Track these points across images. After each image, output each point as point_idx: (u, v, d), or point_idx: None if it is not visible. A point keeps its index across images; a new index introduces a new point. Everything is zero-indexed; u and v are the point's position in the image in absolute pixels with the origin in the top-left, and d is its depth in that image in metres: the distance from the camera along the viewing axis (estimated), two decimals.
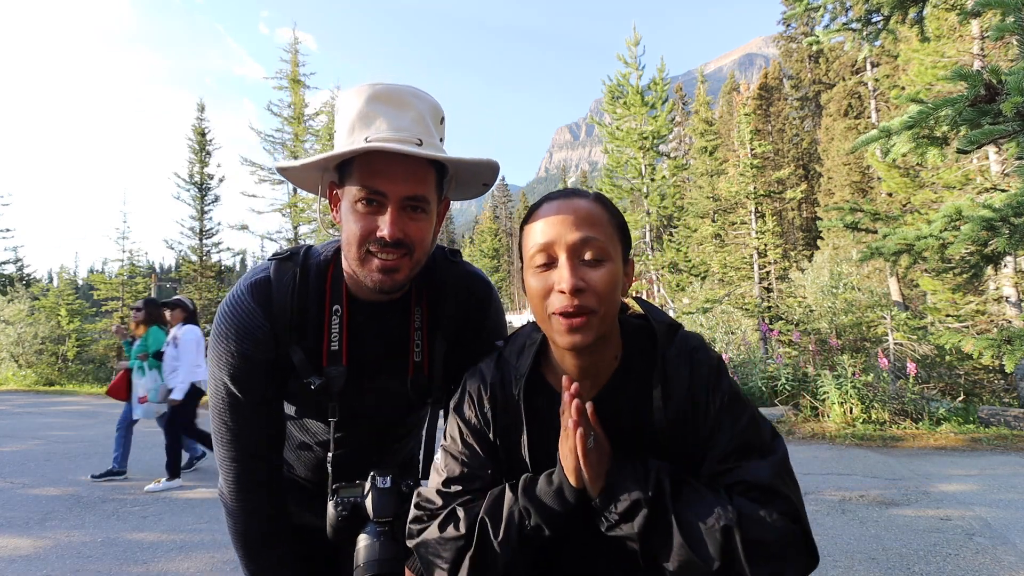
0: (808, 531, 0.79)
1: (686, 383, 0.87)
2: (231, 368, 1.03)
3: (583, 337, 0.82)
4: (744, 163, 11.05)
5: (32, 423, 8.47)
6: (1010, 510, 3.99)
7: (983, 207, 3.11)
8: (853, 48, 5.77)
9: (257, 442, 1.08)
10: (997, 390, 8.75)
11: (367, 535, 1.03)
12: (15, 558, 3.45)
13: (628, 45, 12.26)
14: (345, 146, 0.95)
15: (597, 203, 0.87)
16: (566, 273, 0.81)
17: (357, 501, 1.06)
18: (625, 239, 0.89)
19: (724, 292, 11.95)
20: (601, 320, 0.83)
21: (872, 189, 22.27)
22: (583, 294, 0.81)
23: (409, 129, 0.96)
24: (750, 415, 0.86)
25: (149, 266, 21.47)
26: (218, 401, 1.06)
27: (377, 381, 1.11)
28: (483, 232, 59.15)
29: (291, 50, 14.86)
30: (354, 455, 1.16)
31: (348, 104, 0.98)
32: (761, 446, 0.83)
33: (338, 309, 1.06)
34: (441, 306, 1.14)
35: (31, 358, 14.94)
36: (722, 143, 28.25)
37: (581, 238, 0.82)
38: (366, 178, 0.94)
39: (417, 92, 1.00)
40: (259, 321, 1.03)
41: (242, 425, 1.06)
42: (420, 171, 0.97)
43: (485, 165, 1.04)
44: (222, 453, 1.07)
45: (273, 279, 1.05)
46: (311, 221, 13.88)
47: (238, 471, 1.07)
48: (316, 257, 1.09)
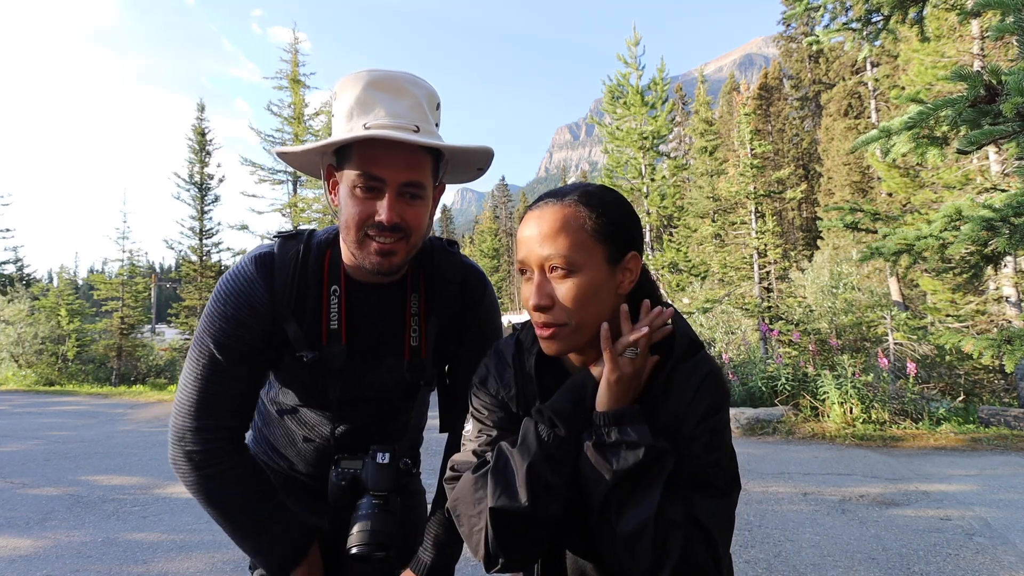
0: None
1: (685, 402, 0.86)
2: (220, 333, 1.04)
3: (555, 346, 0.87)
4: (744, 163, 11.04)
5: (32, 423, 8.47)
6: (1010, 510, 3.99)
7: (983, 207, 3.11)
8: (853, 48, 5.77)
9: (224, 408, 1.07)
10: (997, 390, 8.75)
11: (363, 506, 1.06)
12: (15, 558, 3.45)
13: (628, 45, 12.26)
14: (344, 132, 0.97)
15: (579, 206, 0.86)
16: (533, 290, 0.86)
17: (356, 473, 1.09)
18: (617, 238, 0.87)
19: (724, 292, 11.94)
20: (575, 331, 0.85)
21: (872, 189, 22.28)
22: (549, 311, 0.85)
23: (407, 116, 0.98)
24: (724, 455, 0.86)
25: (149, 266, 21.49)
26: (196, 363, 1.05)
27: (374, 362, 1.13)
28: (483, 232, 59.15)
29: (291, 50, 14.87)
30: (355, 435, 1.18)
31: (346, 90, 0.99)
32: (718, 487, 0.84)
33: (336, 289, 1.09)
34: (438, 292, 1.16)
35: (31, 358, 14.93)
36: (722, 143, 28.25)
37: (545, 255, 0.84)
38: (365, 164, 0.96)
39: (414, 79, 1.02)
40: (260, 291, 1.05)
41: (213, 392, 1.05)
42: (417, 158, 0.99)
43: (481, 152, 1.07)
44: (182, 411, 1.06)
45: (277, 255, 1.07)
46: (311, 221, 13.87)
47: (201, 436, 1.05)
48: (318, 239, 1.12)
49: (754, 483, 4.69)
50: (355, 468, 1.10)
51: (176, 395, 1.09)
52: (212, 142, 15.56)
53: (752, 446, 6.08)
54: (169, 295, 25.62)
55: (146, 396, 11.57)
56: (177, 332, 15.67)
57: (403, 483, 1.13)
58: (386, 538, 1.04)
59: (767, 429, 6.73)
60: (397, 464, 1.11)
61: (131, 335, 15.04)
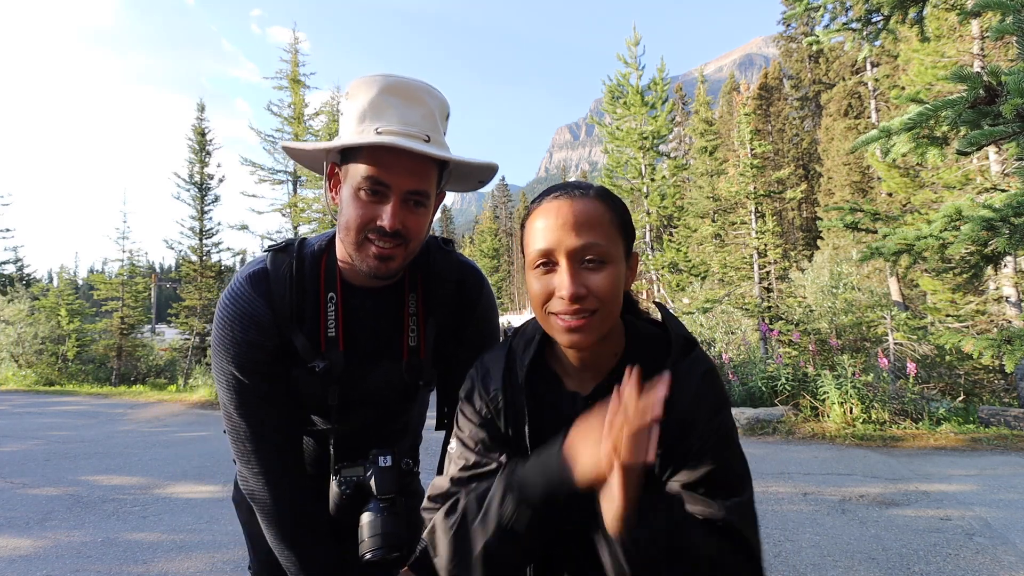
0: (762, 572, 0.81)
1: (686, 400, 0.84)
2: (238, 357, 1.04)
3: (583, 337, 0.82)
4: (744, 163, 11.04)
5: (32, 423, 8.47)
6: (1010, 510, 3.99)
7: (983, 207, 3.11)
8: (853, 48, 5.77)
9: (272, 431, 1.08)
10: (997, 390, 8.74)
11: (370, 511, 1.06)
12: (15, 558, 3.45)
13: (628, 45, 12.25)
14: (355, 134, 0.98)
15: (599, 200, 0.86)
16: (567, 280, 0.81)
17: (360, 479, 1.09)
18: (628, 235, 0.88)
19: (724, 292, 11.94)
20: (602, 320, 0.83)
21: (872, 189, 22.27)
22: (584, 299, 0.81)
23: (418, 124, 0.99)
24: (732, 455, 0.85)
25: (149, 266, 21.48)
26: (228, 395, 1.06)
27: (373, 365, 1.13)
28: (483, 232, 59.13)
29: (291, 50, 14.85)
30: (355, 438, 1.18)
31: (361, 92, 1.00)
32: (729, 486, 0.83)
33: (332, 296, 1.09)
34: (435, 292, 1.16)
35: (31, 358, 14.93)
36: (722, 143, 28.23)
37: (582, 244, 0.81)
38: (372, 168, 0.96)
39: (429, 88, 1.03)
40: (261, 309, 1.05)
41: (254, 416, 1.07)
42: (424, 167, 1.00)
43: (486, 168, 1.09)
44: (240, 448, 1.08)
45: (270, 269, 1.07)
46: (311, 221, 13.86)
47: (259, 462, 1.07)
48: (310, 247, 1.12)
49: (754, 483, 4.68)
50: (357, 475, 1.10)
51: (228, 433, 1.11)
52: (212, 142, 15.55)
53: (752, 446, 6.08)
54: (169, 295, 25.60)
55: (146, 396, 11.57)
56: (177, 332, 15.65)
57: (406, 483, 1.14)
58: (398, 540, 1.04)
59: (767, 429, 6.73)
60: (399, 465, 1.11)
61: (131, 335, 15.03)
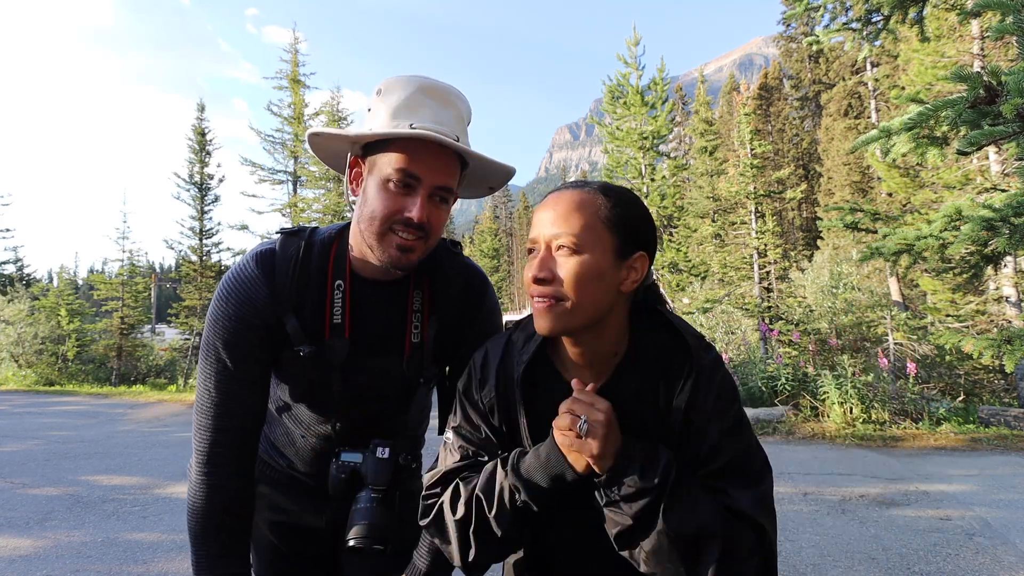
0: (774, 565, 0.83)
1: (702, 391, 0.88)
2: (226, 333, 1.06)
3: (546, 322, 0.86)
4: (744, 163, 11.04)
5: (32, 423, 8.46)
6: (1010, 510, 3.99)
7: (983, 207, 3.11)
8: (853, 48, 5.77)
9: (237, 417, 1.09)
10: (997, 390, 8.74)
11: (362, 500, 1.07)
12: (15, 558, 3.45)
13: (628, 45, 12.25)
14: (389, 127, 1.00)
15: (596, 194, 0.88)
16: (535, 264, 0.87)
17: (356, 466, 1.11)
18: (626, 232, 0.88)
19: (724, 292, 11.95)
20: (571, 311, 0.85)
21: (872, 189, 22.28)
22: (548, 284, 0.85)
23: (450, 125, 1.03)
24: (748, 443, 0.88)
25: (149, 266, 21.46)
26: (207, 368, 1.08)
27: (375, 359, 1.15)
28: (483, 232, 59.13)
29: (291, 50, 14.85)
30: (354, 432, 1.19)
31: (396, 89, 1.04)
32: (750, 475, 0.85)
33: (341, 284, 1.11)
34: (441, 291, 1.18)
35: (31, 358, 14.91)
36: (722, 143, 28.22)
37: (554, 232, 0.86)
38: (405, 161, 0.99)
39: (460, 94, 1.09)
40: (260, 287, 1.07)
41: (226, 397, 1.08)
42: (452, 165, 1.04)
43: (506, 170, 1.13)
44: (198, 421, 1.09)
45: (278, 251, 1.10)
46: (311, 221, 13.86)
47: (210, 442, 1.08)
48: (321, 235, 1.14)
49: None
50: (355, 461, 1.11)
51: (194, 405, 1.12)
52: (212, 142, 15.54)
53: None
54: (169, 295, 25.61)
55: (146, 396, 11.57)
56: (177, 332, 15.65)
57: (403, 478, 1.14)
58: (384, 532, 1.05)
59: (767, 429, 6.73)
60: (397, 459, 1.12)
61: (131, 335, 15.02)
